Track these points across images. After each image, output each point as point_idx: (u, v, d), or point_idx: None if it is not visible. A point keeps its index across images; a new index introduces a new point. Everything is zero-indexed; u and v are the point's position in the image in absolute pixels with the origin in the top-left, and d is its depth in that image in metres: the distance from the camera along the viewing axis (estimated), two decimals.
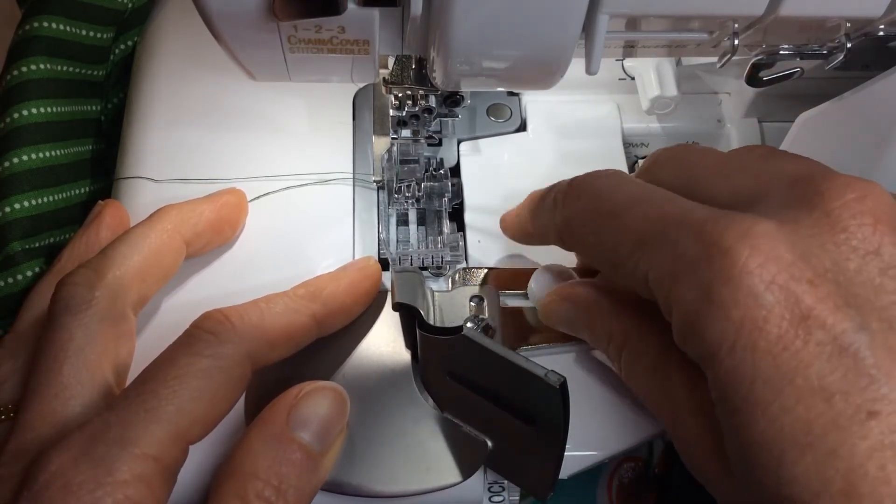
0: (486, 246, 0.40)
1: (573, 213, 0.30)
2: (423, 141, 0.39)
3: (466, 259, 0.39)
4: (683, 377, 0.28)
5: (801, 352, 0.22)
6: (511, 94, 0.45)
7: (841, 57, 0.31)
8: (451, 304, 0.37)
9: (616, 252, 0.27)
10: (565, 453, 0.30)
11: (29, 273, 0.37)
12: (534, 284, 0.36)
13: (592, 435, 0.35)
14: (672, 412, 0.28)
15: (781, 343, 0.22)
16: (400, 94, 0.36)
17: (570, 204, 0.30)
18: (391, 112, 0.37)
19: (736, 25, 0.29)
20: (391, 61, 0.34)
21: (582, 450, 0.34)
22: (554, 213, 0.31)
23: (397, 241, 0.40)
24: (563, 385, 0.27)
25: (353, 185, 0.41)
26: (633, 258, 0.27)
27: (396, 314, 0.34)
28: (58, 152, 0.40)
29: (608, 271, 0.29)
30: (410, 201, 0.40)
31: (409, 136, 0.39)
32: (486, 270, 0.39)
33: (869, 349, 0.22)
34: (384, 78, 0.34)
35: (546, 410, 0.29)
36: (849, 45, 0.30)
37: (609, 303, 0.32)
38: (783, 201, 0.25)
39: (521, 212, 0.35)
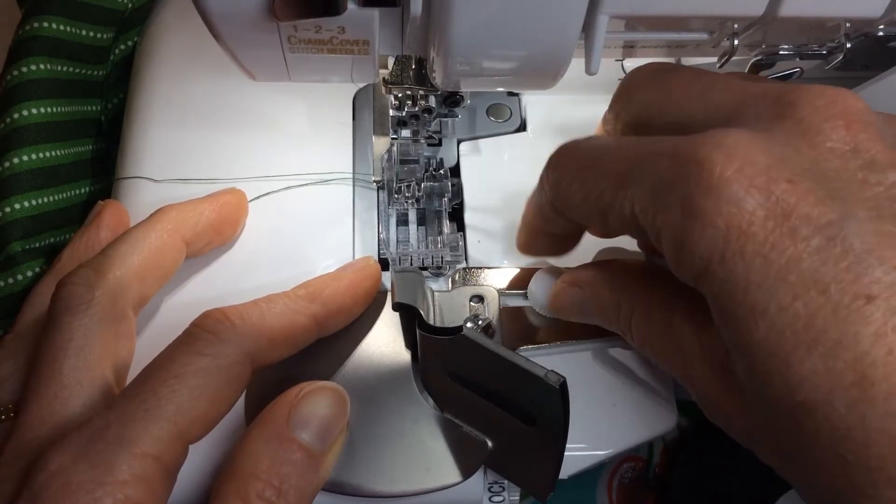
0: (486, 246, 0.40)
1: (558, 174, 0.30)
2: (423, 141, 0.39)
3: (466, 259, 0.39)
4: (693, 327, 0.28)
5: (790, 248, 0.22)
6: (511, 94, 0.45)
7: (841, 57, 0.31)
8: (451, 304, 0.37)
9: (601, 198, 0.27)
10: (565, 453, 0.30)
11: (29, 273, 0.37)
12: (534, 287, 0.36)
13: (592, 435, 0.35)
14: (686, 364, 0.28)
15: (769, 243, 0.22)
16: (400, 94, 0.36)
17: (552, 173, 0.30)
18: (391, 112, 0.37)
19: (736, 25, 0.29)
20: (391, 61, 0.33)
21: (582, 450, 0.34)
22: (543, 191, 0.31)
23: (397, 241, 0.40)
24: (563, 385, 0.27)
25: (353, 185, 0.41)
26: (618, 199, 0.26)
27: (396, 314, 0.34)
28: (58, 152, 0.40)
29: (599, 223, 0.29)
30: (410, 201, 0.40)
31: (409, 136, 0.39)
32: (485, 270, 0.39)
33: (857, 236, 0.22)
34: (384, 78, 0.34)
35: (546, 410, 0.29)
36: (849, 45, 0.30)
37: (611, 275, 0.32)
38: (756, 116, 0.25)
39: (525, 217, 0.35)
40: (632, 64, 0.43)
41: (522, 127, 0.44)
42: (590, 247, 0.38)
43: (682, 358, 0.28)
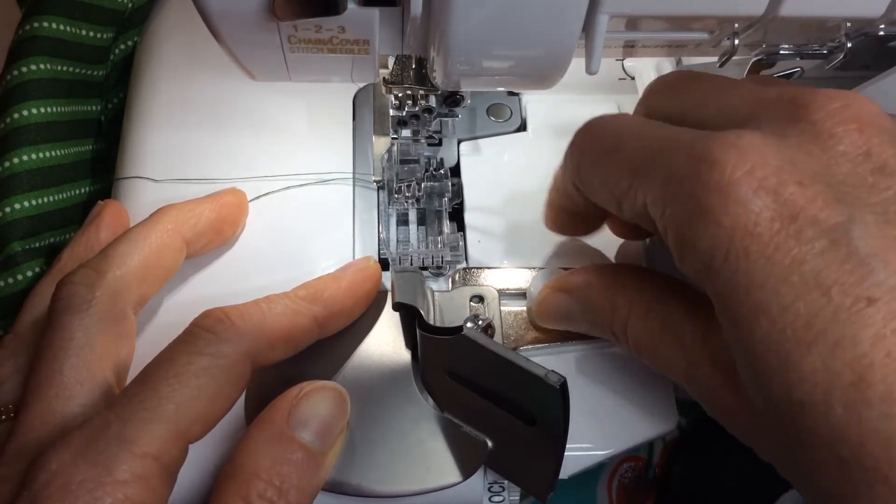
0: (486, 246, 0.40)
1: (581, 155, 0.30)
2: (423, 141, 0.39)
3: (466, 259, 0.39)
4: (694, 324, 0.28)
5: (794, 250, 0.22)
6: (511, 94, 0.45)
7: (841, 57, 0.31)
8: (451, 304, 0.37)
9: (618, 185, 0.28)
10: (565, 453, 0.30)
11: (29, 273, 0.37)
12: (532, 288, 0.36)
13: (592, 435, 0.35)
14: (688, 364, 0.28)
15: (773, 244, 0.22)
16: (400, 94, 0.36)
17: (576, 148, 0.30)
18: (391, 112, 0.37)
19: (736, 25, 0.29)
20: (391, 61, 0.33)
21: (582, 450, 0.34)
22: (566, 169, 0.31)
23: (397, 241, 0.40)
24: (563, 385, 0.27)
25: (353, 185, 0.41)
26: (633, 188, 0.27)
27: (396, 314, 0.34)
28: (58, 152, 0.40)
29: (614, 209, 0.29)
30: (410, 201, 0.40)
31: (409, 136, 0.39)
32: (485, 270, 0.39)
33: (862, 239, 0.22)
34: (384, 78, 0.34)
35: (546, 410, 0.29)
36: (849, 45, 0.30)
37: (605, 278, 0.32)
38: (771, 118, 0.26)
39: (550, 192, 0.35)
40: (632, 64, 0.44)
41: (522, 127, 0.44)
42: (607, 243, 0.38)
43: (683, 357, 0.28)
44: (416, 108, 0.36)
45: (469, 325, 0.36)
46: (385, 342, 0.35)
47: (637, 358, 0.31)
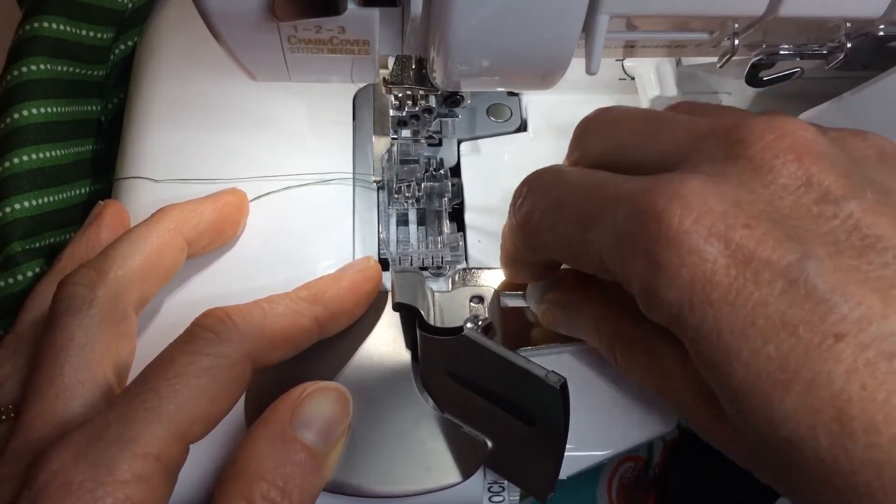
0: (486, 246, 0.40)
1: (526, 213, 0.30)
2: (423, 141, 0.39)
3: (466, 259, 0.39)
4: (674, 358, 0.28)
5: (755, 293, 0.22)
6: (511, 94, 0.45)
7: (841, 57, 0.31)
8: (451, 304, 0.37)
9: (571, 241, 0.28)
10: (565, 453, 0.30)
11: (29, 273, 0.37)
12: (532, 289, 0.36)
13: (592, 435, 0.35)
14: (674, 393, 0.28)
15: (734, 289, 0.23)
16: (400, 94, 0.36)
17: (520, 208, 0.30)
18: (391, 112, 0.37)
19: (736, 25, 0.29)
20: (391, 61, 0.33)
21: (582, 450, 0.34)
22: (513, 226, 0.31)
23: (397, 241, 0.40)
24: (564, 385, 0.27)
25: (353, 185, 0.41)
26: (584, 245, 0.27)
27: (397, 314, 0.34)
28: (58, 152, 0.40)
29: (573, 263, 0.29)
30: (410, 201, 0.40)
31: (409, 136, 0.39)
32: (485, 270, 0.39)
33: (819, 276, 0.22)
34: (384, 78, 0.34)
35: (546, 411, 0.29)
36: (849, 45, 0.30)
37: (592, 300, 0.32)
38: (707, 156, 0.26)
39: (502, 246, 0.35)
40: (632, 64, 0.44)
41: (523, 127, 0.44)
42: None
43: (670, 387, 0.28)
44: (416, 109, 0.36)
45: (469, 325, 0.36)
46: (385, 342, 0.35)
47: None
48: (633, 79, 0.44)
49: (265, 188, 0.40)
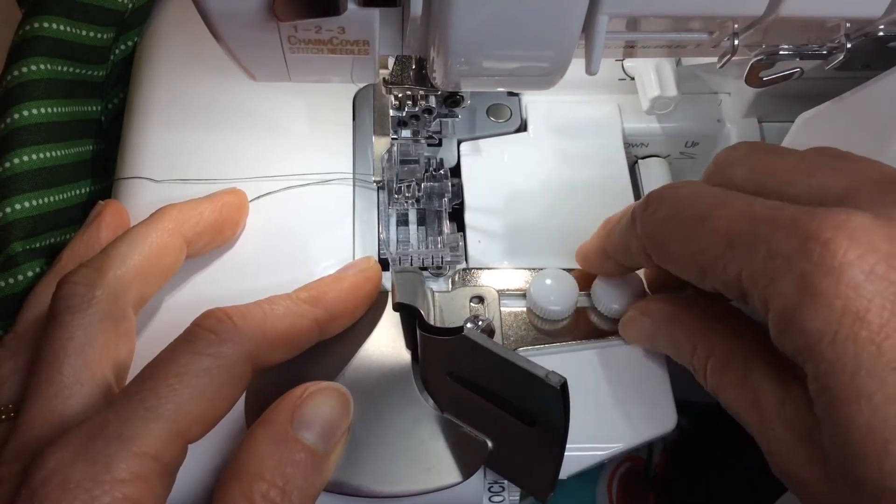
0: (486, 246, 0.40)
1: (656, 223, 0.30)
2: (423, 141, 0.39)
3: (466, 259, 0.39)
4: (773, 385, 0.27)
5: None
6: (511, 94, 0.45)
7: (841, 57, 0.31)
8: (451, 304, 0.37)
9: (704, 256, 0.27)
10: (565, 453, 0.30)
11: (30, 273, 0.37)
12: (532, 288, 0.36)
13: (592, 435, 0.35)
14: (761, 421, 0.28)
15: (884, 332, 0.23)
16: (400, 95, 0.36)
17: (652, 215, 0.30)
18: (391, 112, 0.37)
19: (736, 25, 0.29)
20: (391, 61, 0.33)
21: (582, 450, 0.34)
22: (633, 229, 0.31)
23: (397, 241, 0.40)
24: (564, 385, 0.27)
25: (353, 185, 0.41)
26: (723, 260, 0.27)
27: (397, 315, 0.34)
28: (58, 153, 0.40)
29: (695, 277, 0.29)
30: (410, 201, 0.40)
31: (409, 136, 0.39)
32: (486, 271, 0.39)
33: None
34: (384, 78, 0.34)
35: (546, 411, 0.29)
36: (849, 45, 0.30)
37: (690, 316, 0.32)
38: (874, 198, 0.26)
39: (596, 238, 0.35)
40: (632, 64, 0.44)
41: (523, 127, 0.44)
42: None
43: (758, 413, 0.28)
44: (416, 109, 0.36)
45: (469, 325, 0.36)
46: (385, 343, 0.35)
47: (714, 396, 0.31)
48: (633, 79, 0.44)
49: (265, 188, 0.40)
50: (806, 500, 0.27)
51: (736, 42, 0.29)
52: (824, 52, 0.31)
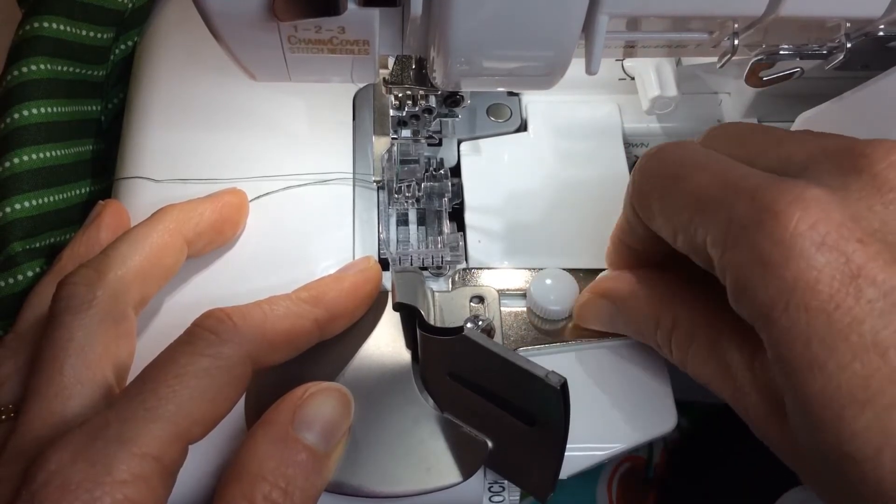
0: (486, 246, 0.40)
1: (643, 177, 0.30)
2: (423, 141, 0.39)
3: (466, 259, 0.39)
4: (742, 353, 0.28)
5: (854, 309, 0.23)
6: (511, 94, 0.45)
7: (841, 57, 0.31)
8: (451, 304, 0.37)
9: (679, 216, 0.28)
10: (565, 453, 0.30)
11: (30, 273, 0.37)
12: (533, 288, 0.36)
13: (592, 435, 0.35)
14: (735, 389, 0.28)
15: (834, 301, 0.23)
16: (400, 94, 0.36)
17: (641, 170, 0.30)
18: (391, 112, 0.37)
19: (736, 25, 0.29)
20: (391, 61, 0.34)
21: (582, 450, 0.34)
22: (629, 190, 0.31)
23: (397, 241, 0.40)
24: (564, 385, 0.27)
25: (353, 185, 0.41)
26: (694, 222, 0.27)
27: (397, 315, 0.34)
28: (58, 152, 0.40)
29: (670, 237, 0.29)
30: (410, 201, 0.40)
31: (409, 136, 0.39)
32: (486, 271, 0.39)
33: None
34: (384, 78, 0.34)
35: (546, 411, 0.29)
36: (849, 45, 0.30)
37: (648, 290, 0.32)
38: (831, 167, 0.26)
39: (614, 229, 0.35)
40: (632, 64, 0.44)
41: (522, 127, 0.44)
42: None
43: (729, 381, 0.28)
44: (416, 108, 0.36)
45: (469, 325, 0.36)
46: (385, 343, 0.35)
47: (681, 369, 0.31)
48: (633, 79, 0.44)
49: (265, 188, 0.40)
50: (789, 462, 0.27)
51: (736, 42, 0.29)
52: (824, 52, 0.31)
